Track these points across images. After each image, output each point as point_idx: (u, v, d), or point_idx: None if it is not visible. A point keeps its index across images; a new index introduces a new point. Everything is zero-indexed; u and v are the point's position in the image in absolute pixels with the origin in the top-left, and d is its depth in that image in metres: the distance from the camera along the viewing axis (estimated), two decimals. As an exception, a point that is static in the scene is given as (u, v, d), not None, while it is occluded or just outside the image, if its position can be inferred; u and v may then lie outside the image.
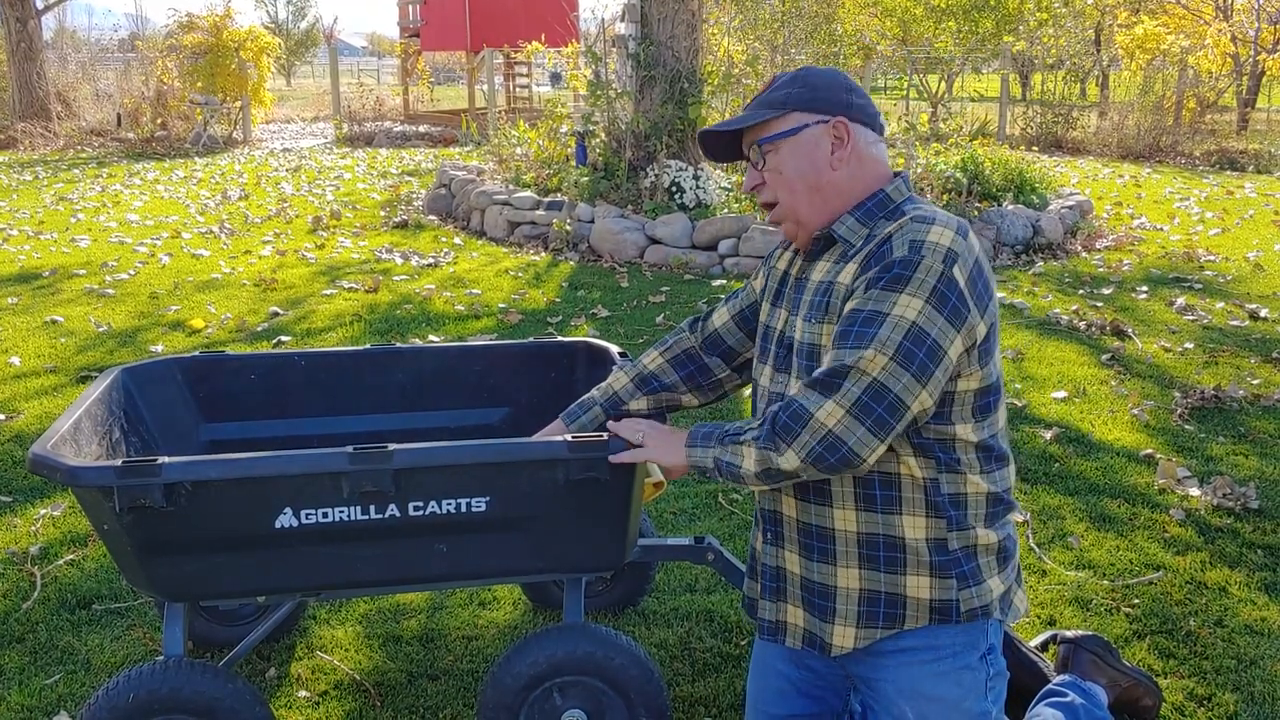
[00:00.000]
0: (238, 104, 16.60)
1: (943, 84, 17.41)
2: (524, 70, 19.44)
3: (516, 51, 15.99)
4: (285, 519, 1.93)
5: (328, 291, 6.43)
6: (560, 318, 5.79)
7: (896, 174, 1.94)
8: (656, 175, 7.79)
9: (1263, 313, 5.84)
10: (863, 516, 1.85)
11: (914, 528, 1.84)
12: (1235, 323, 5.69)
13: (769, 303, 2.05)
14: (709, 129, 1.97)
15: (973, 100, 21.51)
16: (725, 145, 2.01)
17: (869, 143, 1.91)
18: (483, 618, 2.83)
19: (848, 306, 1.77)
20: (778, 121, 1.90)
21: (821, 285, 1.88)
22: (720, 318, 2.19)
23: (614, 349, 2.56)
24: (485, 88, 17.11)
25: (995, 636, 1.93)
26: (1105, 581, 3.01)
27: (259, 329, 5.62)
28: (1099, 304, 6.09)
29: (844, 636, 1.89)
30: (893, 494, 1.83)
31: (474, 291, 6.41)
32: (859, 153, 1.90)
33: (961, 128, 13.25)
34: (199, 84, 16.19)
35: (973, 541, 1.87)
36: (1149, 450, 3.94)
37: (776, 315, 2.00)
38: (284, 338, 5.45)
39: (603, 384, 2.25)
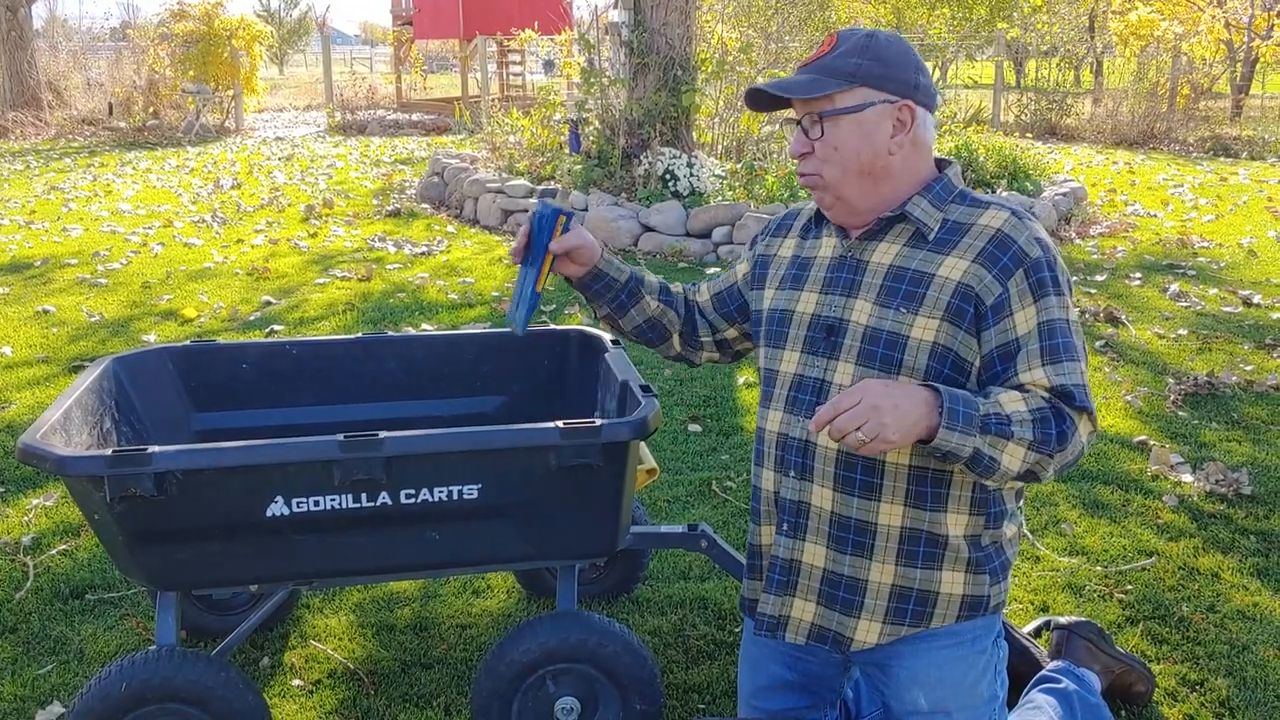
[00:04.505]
0: (230, 93, 16.53)
1: (937, 71, 17.40)
2: (517, 58, 19.36)
3: (510, 39, 15.93)
4: (277, 508, 1.93)
5: (320, 280, 6.42)
6: (553, 306, 5.78)
7: (946, 161, 1.91)
8: (650, 163, 7.77)
9: (1256, 299, 5.84)
10: (910, 513, 1.82)
11: (956, 525, 1.83)
12: (1228, 309, 5.69)
13: (775, 287, 1.98)
14: (762, 87, 1.83)
15: (967, 87, 21.48)
16: (771, 98, 1.87)
17: (927, 127, 1.84)
18: (476, 606, 2.83)
19: (1032, 315, 1.73)
20: (843, 95, 1.78)
21: (896, 271, 1.81)
22: (702, 295, 2.17)
23: (606, 337, 2.56)
24: (478, 76, 17.05)
25: (1000, 623, 1.96)
26: (1098, 568, 3.01)
27: (251, 318, 5.60)
28: (1092, 291, 6.10)
29: (868, 632, 1.87)
30: (942, 491, 1.81)
31: (467, 280, 6.39)
32: (916, 138, 1.82)
33: (955, 115, 13.25)
34: (191, 73, 16.12)
35: (1000, 536, 1.89)
36: (1142, 437, 3.94)
37: (797, 298, 1.92)
38: (276, 327, 5.44)
39: (639, 269, 2.16)
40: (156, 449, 1.85)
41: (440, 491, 1.98)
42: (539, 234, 1.97)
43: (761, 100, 1.88)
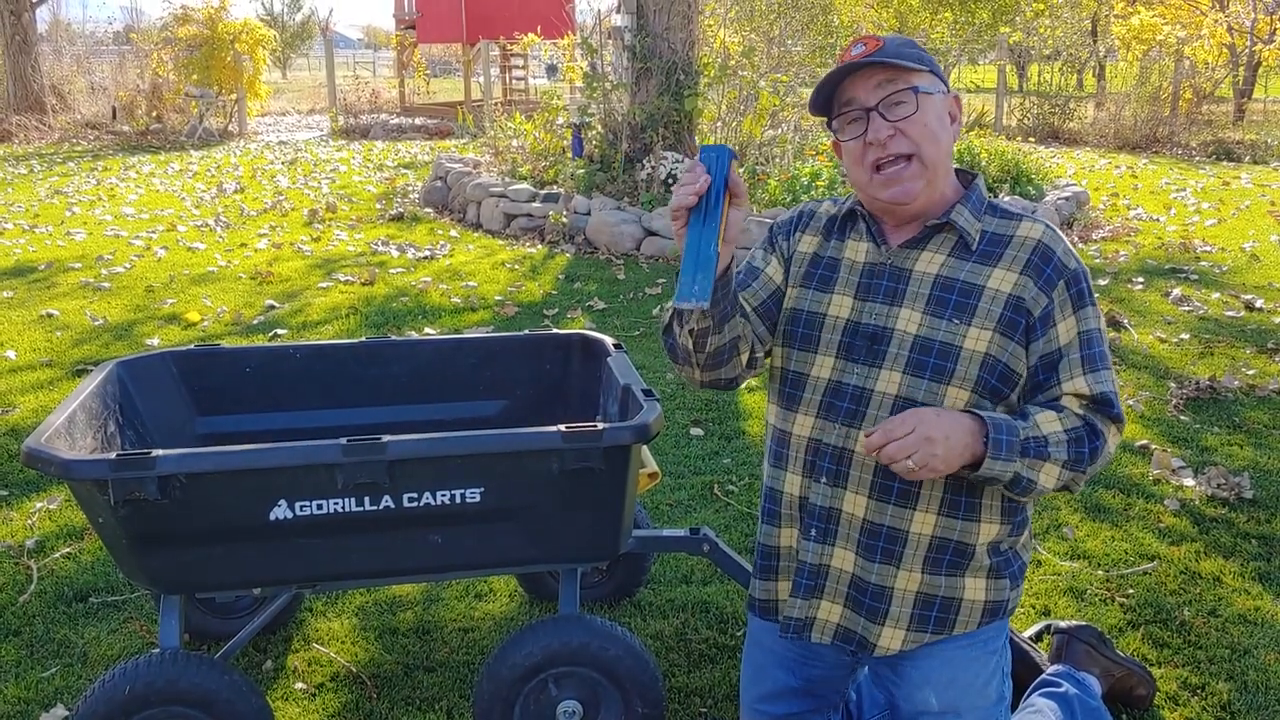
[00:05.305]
0: (233, 97, 16.56)
1: (939, 75, 17.35)
2: (520, 62, 19.38)
3: (512, 44, 15.96)
4: (280, 511, 1.94)
5: (323, 284, 6.43)
6: (556, 310, 5.79)
7: (972, 173, 1.92)
8: (653, 167, 7.78)
9: (1258, 303, 5.84)
10: (942, 521, 1.82)
11: (985, 533, 1.84)
12: (1231, 313, 5.69)
13: (797, 286, 1.94)
14: (864, 59, 1.74)
15: (969, 91, 21.48)
16: (824, 101, 1.84)
17: None
18: (478, 609, 2.83)
19: (1073, 326, 1.79)
20: (920, 76, 1.78)
21: (945, 281, 1.81)
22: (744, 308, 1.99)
23: (609, 341, 2.57)
24: (481, 80, 17.08)
25: (1008, 626, 1.98)
26: (1100, 572, 3.01)
27: (255, 322, 5.61)
28: (1095, 294, 6.09)
29: (892, 639, 1.87)
30: (976, 500, 1.82)
31: (470, 284, 6.40)
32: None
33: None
34: (194, 77, 16.14)
35: (1017, 542, 1.91)
36: (1144, 441, 3.95)
37: (826, 300, 1.89)
38: (280, 331, 5.45)
39: None
40: (160, 453, 1.86)
41: (443, 495, 1.98)
42: (714, 176, 1.65)
43: (820, 100, 1.83)
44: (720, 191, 1.64)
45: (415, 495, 1.97)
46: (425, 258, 7.19)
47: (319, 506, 1.94)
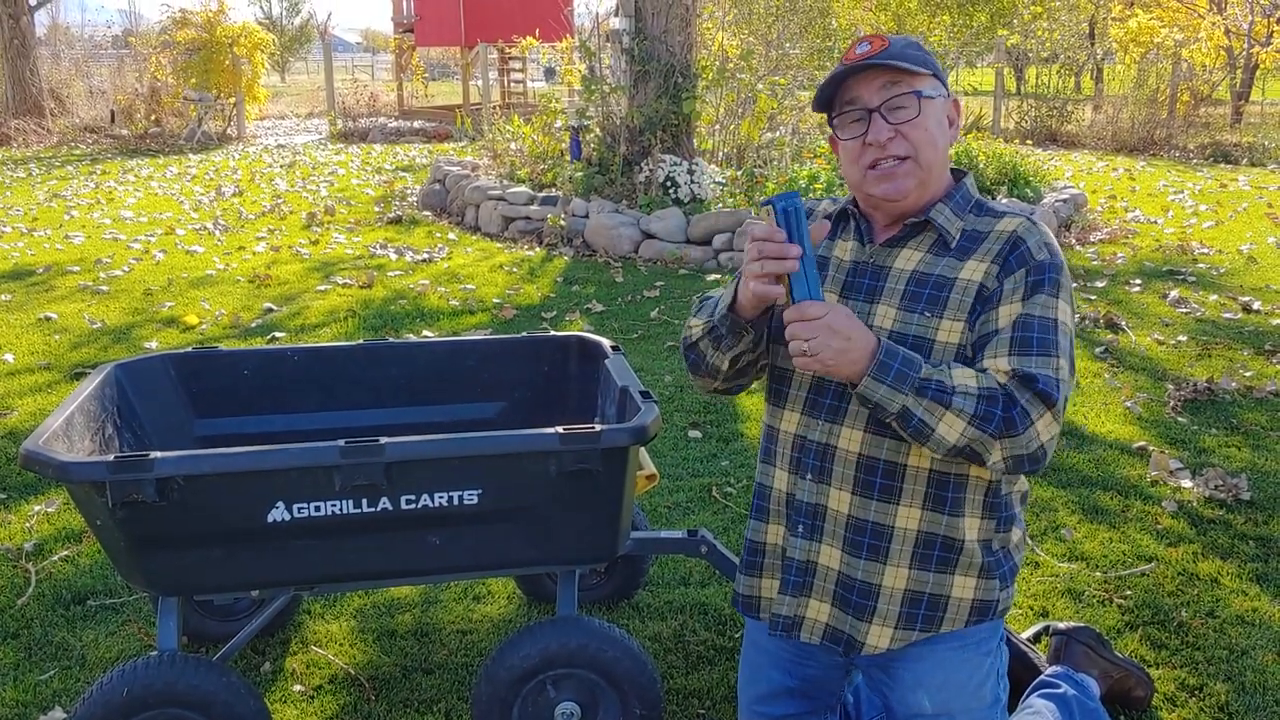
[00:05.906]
0: (232, 100, 16.56)
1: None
2: (518, 65, 19.39)
3: (511, 47, 15.96)
4: (277, 513, 1.94)
5: (322, 287, 6.43)
6: (554, 313, 5.79)
7: (962, 171, 1.92)
8: (651, 170, 7.79)
9: (1255, 305, 5.85)
10: (928, 516, 1.82)
11: (972, 529, 1.84)
12: (1228, 315, 5.70)
13: None
14: (871, 59, 1.76)
15: (967, 94, 21.51)
16: (827, 98, 1.85)
17: None
18: (476, 611, 2.83)
19: (1016, 310, 1.73)
20: (924, 80, 1.79)
21: (919, 276, 1.81)
22: None
23: (606, 343, 2.57)
24: (480, 83, 17.08)
25: (1002, 627, 1.98)
26: (1098, 573, 3.02)
27: (253, 325, 5.62)
28: (1093, 297, 6.11)
29: (879, 637, 1.87)
30: (961, 495, 1.82)
31: (468, 287, 6.40)
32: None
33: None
34: (193, 80, 16.14)
35: (1008, 540, 1.90)
36: (1142, 443, 3.95)
37: None
38: (278, 333, 5.45)
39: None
40: (158, 455, 1.86)
41: (440, 497, 1.99)
42: (798, 230, 1.66)
43: (823, 98, 1.84)
44: (806, 242, 1.67)
45: (413, 497, 1.97)
46: (423, 260, 7.20)
47: (317, 508, 1.95)
